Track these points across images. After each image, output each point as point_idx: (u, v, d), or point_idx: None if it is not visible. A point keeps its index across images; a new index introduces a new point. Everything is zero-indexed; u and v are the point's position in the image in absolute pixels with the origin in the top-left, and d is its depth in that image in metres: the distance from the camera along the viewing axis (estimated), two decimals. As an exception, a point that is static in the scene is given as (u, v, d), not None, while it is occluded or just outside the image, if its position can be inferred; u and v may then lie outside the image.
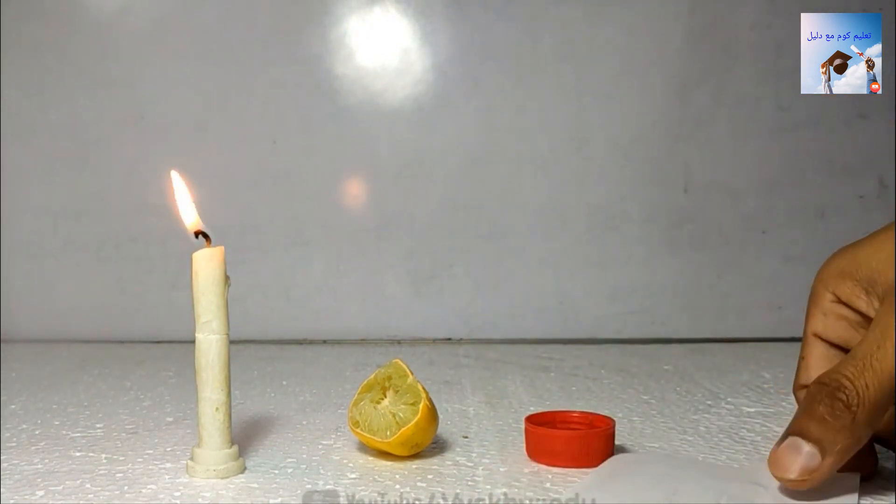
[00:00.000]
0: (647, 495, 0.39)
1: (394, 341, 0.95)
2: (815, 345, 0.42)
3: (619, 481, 0.41)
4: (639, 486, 0.40)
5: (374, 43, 0.94)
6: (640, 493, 0.39)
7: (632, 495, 0.39)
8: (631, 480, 0.41)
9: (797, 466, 0.36)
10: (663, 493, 0.39)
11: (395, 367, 0.49)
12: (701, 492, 0.39)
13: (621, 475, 0.42)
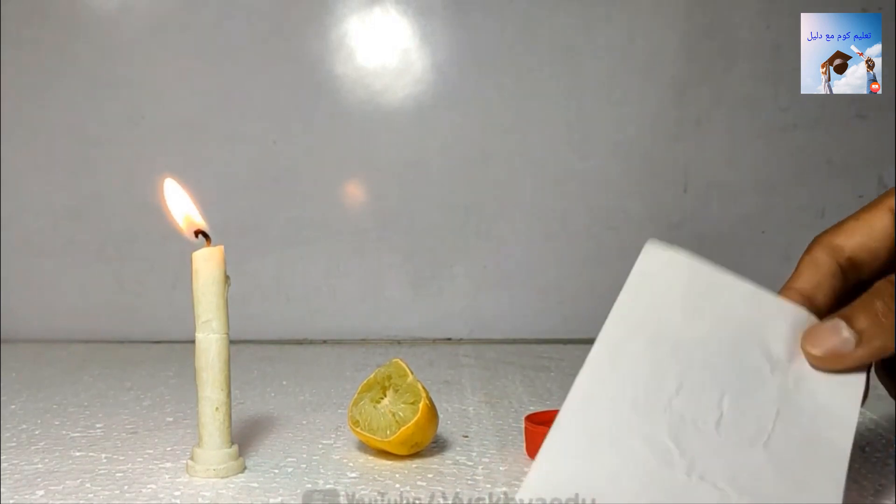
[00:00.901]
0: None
1: (394, 341, 0.95)
2: (818, 257, 0.41)
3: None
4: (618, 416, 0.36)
5: (374, 43, 0.94)
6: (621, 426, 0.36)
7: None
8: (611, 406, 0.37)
9: (828, 346, 0.36)
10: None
11: (394, 366, 0.49)
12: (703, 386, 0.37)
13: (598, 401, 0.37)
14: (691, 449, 0.35)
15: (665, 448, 0.35)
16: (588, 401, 0.35)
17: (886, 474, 0.44)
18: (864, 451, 0.48)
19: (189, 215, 0.46)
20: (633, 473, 0.34)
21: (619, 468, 0.34)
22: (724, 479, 0.34)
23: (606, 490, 0.34)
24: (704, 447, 0.35)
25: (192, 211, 0.46)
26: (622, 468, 0.34)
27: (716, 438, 0.35)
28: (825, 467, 0.35)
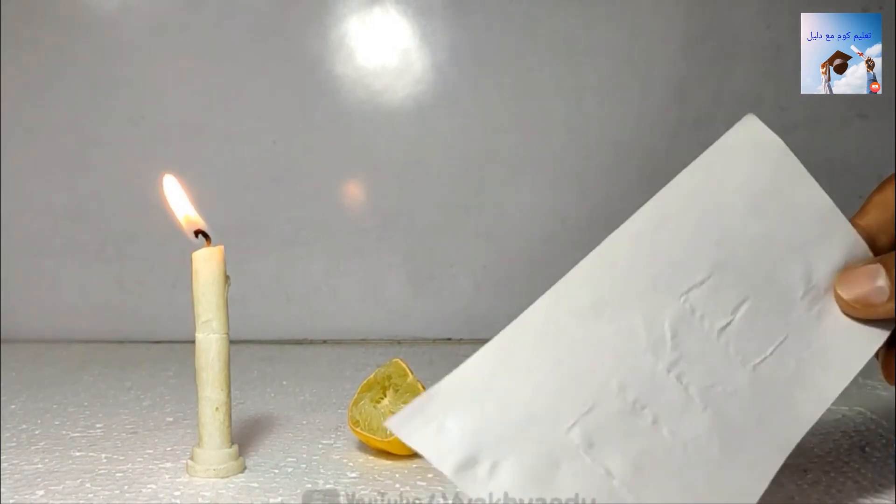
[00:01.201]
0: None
1: (394, 341, 0.95)
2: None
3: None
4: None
5: (374, 43, 0.94)
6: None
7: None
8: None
9: (860, 291, 0.35)
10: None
11: (394, 366, 0.49)
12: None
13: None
14: (684, 346, 0.34)
15: (661, 336, 0.34)
16: (612, 260, 0.34)
17: (886, 474, 0.44)
18: (864, 451, 0.48)
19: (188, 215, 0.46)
20: (618, 347, 0.33)
21: (608, 336, 0.33)
22: (697, 387, 0.33)
23: (587, 352, 0.32)
24: (697, 349, 0.34)
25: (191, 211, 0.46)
26: (611, 337, 0.33)
27: (713, 344, 0.34)
28: (792, 415, 0.34)
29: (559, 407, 0.32)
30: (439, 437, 0.31)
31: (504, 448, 0.31)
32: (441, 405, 0.32)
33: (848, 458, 0.46)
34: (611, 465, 0.32)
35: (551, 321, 0.33)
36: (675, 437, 0.33)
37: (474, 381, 0.33)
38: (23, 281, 0.96)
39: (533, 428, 0.32)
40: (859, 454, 0.47)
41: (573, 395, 0.32)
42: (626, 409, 0.33)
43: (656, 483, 0.32)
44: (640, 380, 0.33)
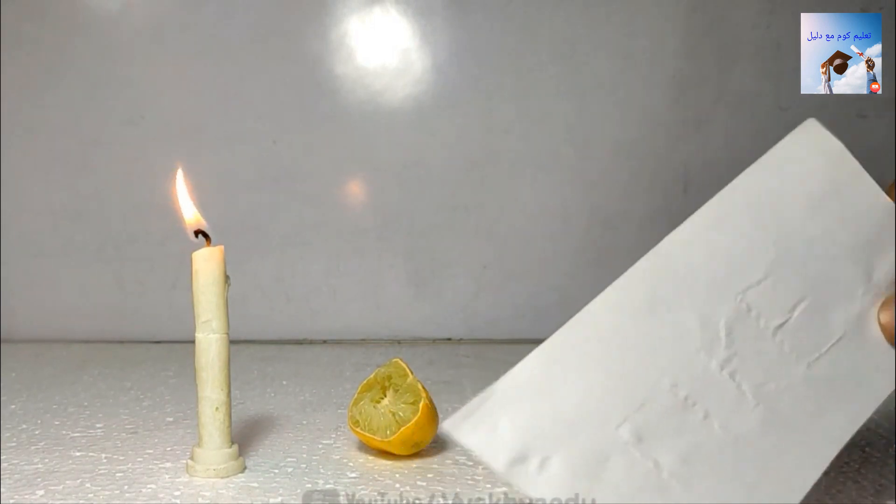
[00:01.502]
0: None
1: (394, 341, 0.95)
2: None
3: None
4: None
5: (374, 43, 0.94)
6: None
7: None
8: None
9: (890, 320, 0.35)
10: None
11: (394, 366, 0.49)
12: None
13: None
14: (738, 344, 0.34)
15: (715, 334, 0.34)
16: (670, 260, 0.35)
17: (886, 474, 0.44)
18: (864, 451, 0.48)
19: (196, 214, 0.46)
20: (671, 346, 0.34)
21: (663, 335, 0.34)
22: (750, 384, 0.34)
23: (640, 350, 0.33)
24: (751, 347, 0.35)
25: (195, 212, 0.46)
26: (665, 336, 0.34)
27: (768, 342, 0.35)
28: (845, 411, 0.35)
29: (610, 405, 0.33)
30: (492, 437, 0.32)
31: (554, 444, 0.32)
32: (495, 406, 0.33)
33: (848, 458, 0.46)
34: (660, 459, 0.33)
35: (606, 321, 0.34)
36: (727, 432, 0.33)
37: (528, 382, 0.33)
38: (23, 281, 0.96)
39: (583, 425, 0.33)
40: (859, 454, 0.47)
41: (624, 394, 0.33)
42: (678, 406, 0.33)
43: (705, 475, 0.33)
44: (693, 377, 0.33)
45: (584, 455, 0.32)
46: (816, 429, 0.34)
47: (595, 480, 0.32)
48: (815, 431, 0.34)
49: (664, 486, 0.33)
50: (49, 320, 0.96)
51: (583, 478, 0.32)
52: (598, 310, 0.34)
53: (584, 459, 0.32)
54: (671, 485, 0.33)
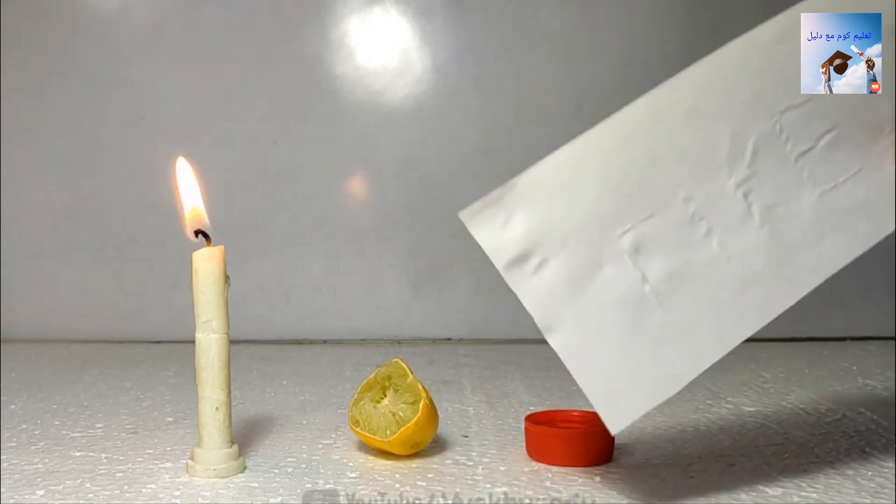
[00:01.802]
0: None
1: (394, 341, 0.95)
2: None
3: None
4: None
5: (374, 43, 0.94)
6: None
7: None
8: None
9: None
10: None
11: (394, 366, 0.49)
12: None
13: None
14: (760, 164, 0.36)
15: (741, 151, 0.36)
16: (723, 69, 0.37)
17: (886, 474, 0.44)
18: (864, 452, 0.48)
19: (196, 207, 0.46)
20: (697, 157, 0.35)
21: (691, 145, 0.35)
22: (761, 205, 0.36)
23: (665, 158, 0.35)
24: (772, 168, 0.36)
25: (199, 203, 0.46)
26: (693, 146, 0.35)
27: (789, 167, 0.36)
28: (847, 240, 0.36)
29: (620, 210, 0.35)
30: (502, 232, 0.36)
31: (557, 246, 0.34)
32: (514, 199, 0.36)
33: (848, 458, 0.46)
34: (649, 272, 0.34)
35: (642, 122, 0.36)
36: (723, 249, 0.35)
37: (551, 178, 0.36)
38: (23, 281, 0.96)
39: (590, 227, 0.34)
40: (859, 454, 0.47)
41: (637, 201, 0.35)
42: (684, 220, 0.35)
43: (684, 294, 0.34)
44: (707, 192, 0.35)
45: (580, 260, 0.34)
46: (810, 256, 0.35)
47: (581, 288, 0.34)
48: (810, 257, 0.35)
49: (642, 301, 0.35)
50: (49, 320, 0.96)
51: (571, 283, 0.34)
52: (637, 111, 0.36)
53: (579, 265, 0.34)
54: (649, 300, 0.35)
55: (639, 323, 0.34)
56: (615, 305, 0.34)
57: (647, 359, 0.34)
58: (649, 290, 0.35)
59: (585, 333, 0.35)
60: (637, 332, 0.34)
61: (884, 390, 0.65)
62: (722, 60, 0.36)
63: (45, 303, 0.97)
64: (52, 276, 0.96)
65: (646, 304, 0.35)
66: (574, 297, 0.34)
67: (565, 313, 0.35)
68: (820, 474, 0.44)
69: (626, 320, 0.35)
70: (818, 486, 0.42)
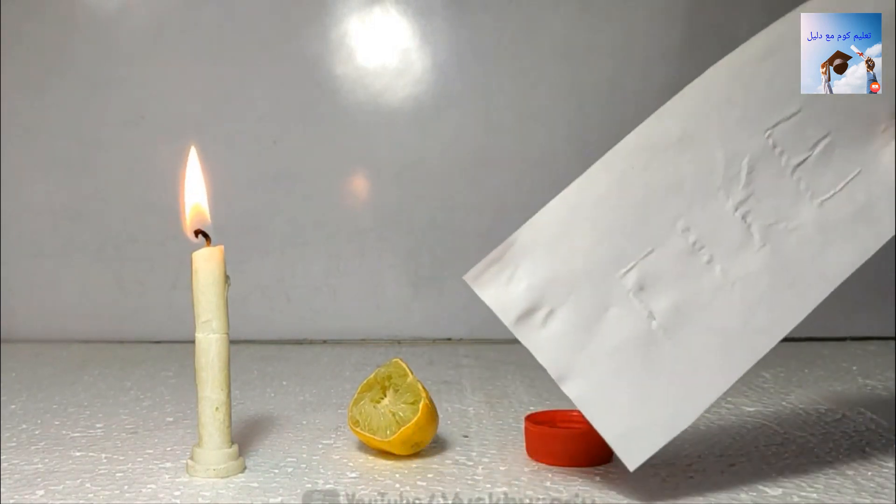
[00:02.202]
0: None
1: (394, 341, 0.95)
2: None
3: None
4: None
5: (375, 43, 0.94)
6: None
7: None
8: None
9: None
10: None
11: (394, 366, 0.49)
12: None
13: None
14: (757, 182, 0.36)
15: (737, 172, 0.36)
16: (709, 92, 0.37)
17: (886, 474, 0.44)
18: (864, 451, 0.48)
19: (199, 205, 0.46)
20: (693, 184, 0.35)
21: (687, 172, 0.35)
22: (760, 225, 0.36)
23: (662, 188, 0.35)
24: (769, 185, 0.36)
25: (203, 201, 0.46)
26: (689, 173, 0.35)
27: (786, 181, 0.36)
28: (851, 247, 0.36)
29: (621, 250, 0.35)
30: (507, 289, 0.36)
31: (562, 295, 0.35)
32: (516, 255, 0.37)
33: (848, 459, 0.47)
34: (655, 307, 0.35)
35: (634, 157, 0.36)
36: (726, 276, 0.35)
37: (549, 228, 0.36)
38: (23, 281, 0.96)
39: (592, 273, 0.35)
40: (859, 454, 0.47)
41: (637, 237, 0.35)
42: (685, 250, 0.35)
43: (692, 324, 0.35)
44: (706, 219, 0.35)
45: (586, 306, 0.35)
46: (813, 269, 0.35)
47: (590, 333, 0.35)
48: (814, 270, 0.35)
49: (651, 338, 0.35)
50: (49, 320, 0.96)
51: (579, 330, 0.34)
52: (628, 147, 0.36)
53: (586, 311, 0.35)
54: (658, 336, 0.35)
55: (649, 360, 0.35)
56: (625, 346, 0.35)
57: (660, 394, 0.35)
58: (657, 326, 0.35)
59: (598, 378, 0.35)
60: (648, 369, 0.35)
61: (884, 390, 0.65)
62: (708, 84, 0.37)
63: (45, 303, 0.97)
64: (52, 276, 0.96)
65: (654, 341, 0.35)
66: (584, 343, 0.35)
67: (576, 361, 0.36)
68: (820, 474, 0.44)
69: (637, 359, 0.35)
70: (818, 486, 0.42)
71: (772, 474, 0.44)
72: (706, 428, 0.54)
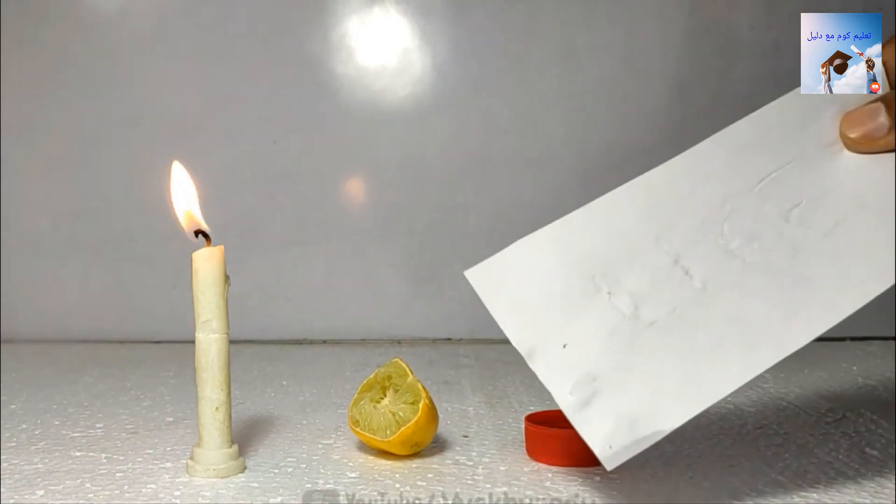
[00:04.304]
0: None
1: (394, 341, 0.95)
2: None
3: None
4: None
5: (374, 43, 0.94)
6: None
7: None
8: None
9: (864, 129, 0.39)
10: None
11: (394, 366, 0.49)
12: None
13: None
14: (738, 216, 0.39)
15: (719, 206, 0.40)
16: (738, 141, 0.43)
17: (886, 474, 0.44)
18: (863, 452, 0.48)
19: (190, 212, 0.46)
20: (689, 204, 0.39)
21: (688, 192, 0.39)
22: (741, 240, 0.39)
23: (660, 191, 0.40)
24: (747, 211, 0.39)
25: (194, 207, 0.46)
26: (690, 189, 0.39)
27: (761, 204, 0.40)
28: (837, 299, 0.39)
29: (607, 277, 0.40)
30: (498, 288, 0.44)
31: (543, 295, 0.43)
32: (507, 258, 0.45)
33: (848, 459, 0.47)
34: (644, 313, 0.39)
35: (620, 208, 0.40)
36: (709, 290, 0.38)
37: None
38: (23, 281, 0.96)
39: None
40: (859, 454, 0.47)
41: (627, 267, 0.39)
42: (674, 273, 0.39)
43: (676, 336, 0.38)
44: (689, 225, 0.40)
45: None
46: (803, 310, 0.39)
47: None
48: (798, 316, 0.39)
49: (636, 334, 0.38)
50: (49, 320, 0.96)
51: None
52: (619, 197, 0.40)
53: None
54: (644, 336, 0.38)
55: (629, 359, 0.37)
56: (609, 344, 0.38)
57: (642, 396, 0.37)
58: (644, 327, 0.38)
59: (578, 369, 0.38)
60: (629, 365, 0.37)
61: (884, 390, 0.65)
62: (735, 133, 0.44)
63: (45, 303, 0.97)
64: (52, 276, 0.96)
65: (639, 337, 0.38)
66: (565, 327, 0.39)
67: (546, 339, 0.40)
68: (820, 474, 0.44)
69: (619, 358, 0.38)
70: (818, 486, 0.42)
71: (772, 474, 0.44)
72: (706, 428, 0.54)
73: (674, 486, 0.42)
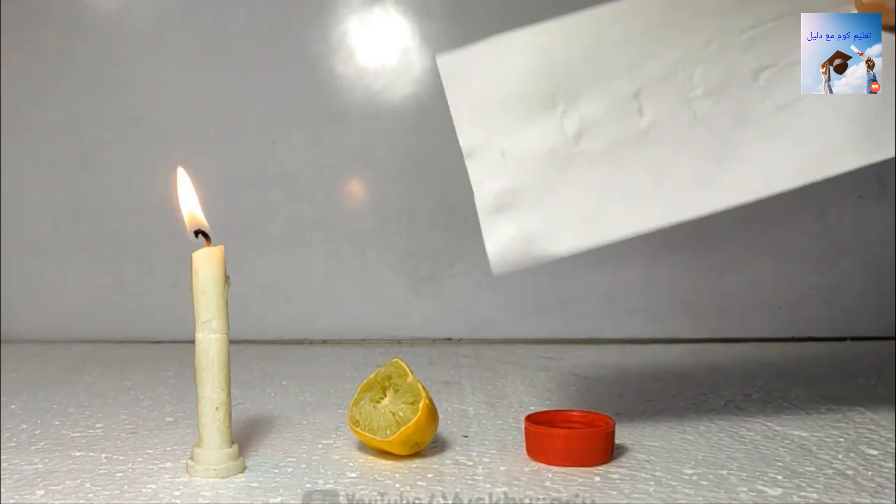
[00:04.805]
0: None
1: (394, 341, 0.95)
2: None
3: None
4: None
5: (375, 43, 0.94)
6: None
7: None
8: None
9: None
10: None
11: (394, 366, 0.49)
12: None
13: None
14: (713, 62, 0.39)
15: (702, 47, 0.39)
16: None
17: (886, 474, 0.44)
18: (863, 452, 0.48)
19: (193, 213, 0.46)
20: (674, 36, 0.39)
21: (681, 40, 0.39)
22: (703, 90, 0.39)
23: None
24: (723, 58, 0.39)
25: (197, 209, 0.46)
26: (683, 20, 0.39)
27: (741, 54, 0.39)
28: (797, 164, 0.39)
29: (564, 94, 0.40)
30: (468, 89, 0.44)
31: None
32: (483, 50, 0.44)
33: (848, 459, 0.47)
34: (585, 145, 0.39)
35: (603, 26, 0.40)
36: (654, 131, 0.39)
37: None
38: (23, 281, 0.96)
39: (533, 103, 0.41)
40: (859, 454, 0.47)
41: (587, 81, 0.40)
42: (629, 107, 0.39)
43: (617, 162, 0.39)
44: (657, 78, 0.39)
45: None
46: (747, 169, 0.38)
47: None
48: (744, 171, 0.38)
49: (572, 159, 0.39)
50: (49, 320, 0.96)
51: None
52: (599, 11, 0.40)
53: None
54: (580, 161, 0.39)
55: (564, 178, 0.39)
56: (546, 156, 0.39)
57: (562, 213, 0.38)
58: (580, 152, 0.39)
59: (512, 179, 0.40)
60: (561, 185, 0.38)
61: (884, 390, 0.65)
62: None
63: (45, 303, 0.97)
64: (52, 276, 0.96)
65: (575, 163, 0.39)
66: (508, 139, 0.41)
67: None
68: (820, 474, 0.44)
69: (553, 174, 0.39)
70: (818, 486, 0.42)
71: (772, 474, 0.44)
72: (706, 428, 0.54)
73: (674, 486, 0.42)
